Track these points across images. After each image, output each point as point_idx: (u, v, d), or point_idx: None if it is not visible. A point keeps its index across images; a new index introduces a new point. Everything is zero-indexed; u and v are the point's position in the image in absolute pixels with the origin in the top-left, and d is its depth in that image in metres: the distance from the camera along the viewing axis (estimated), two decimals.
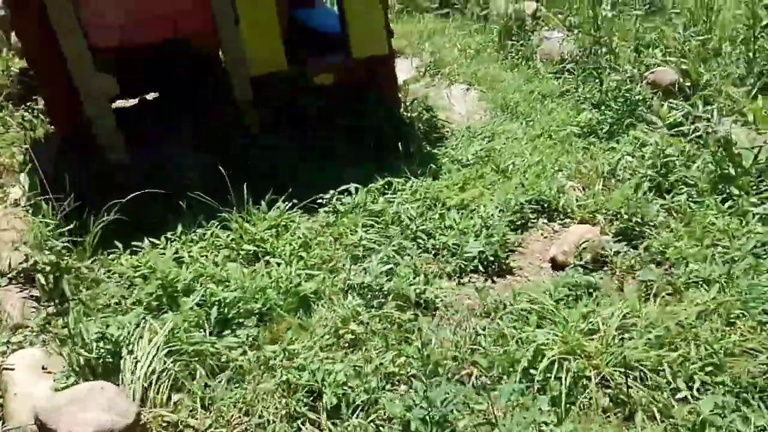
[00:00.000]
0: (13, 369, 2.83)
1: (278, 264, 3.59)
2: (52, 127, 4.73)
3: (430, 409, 2.65)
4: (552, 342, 2.99)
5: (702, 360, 2.86)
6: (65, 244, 3.55)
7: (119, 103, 5.38)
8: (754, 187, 3.95)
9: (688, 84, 4.81)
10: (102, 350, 2.90)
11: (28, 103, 5.75)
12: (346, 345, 3.15)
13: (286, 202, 4.03)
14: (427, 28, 7.05)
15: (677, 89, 4.72)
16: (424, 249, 3.73)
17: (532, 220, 4.09)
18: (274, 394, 2.86)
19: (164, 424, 2.74)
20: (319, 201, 4.12)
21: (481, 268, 3.66)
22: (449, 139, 4.89)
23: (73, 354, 2.86)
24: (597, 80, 5.12)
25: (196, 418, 2.76)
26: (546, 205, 4.13)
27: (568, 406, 2.78)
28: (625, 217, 3.82)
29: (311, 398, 2.84)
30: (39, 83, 4.27)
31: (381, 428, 2.69)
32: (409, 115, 4.92)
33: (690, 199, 3.99)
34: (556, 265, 3.69)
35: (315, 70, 4.50)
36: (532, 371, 2.90)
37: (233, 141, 4.43)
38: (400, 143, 4.44)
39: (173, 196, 4.00)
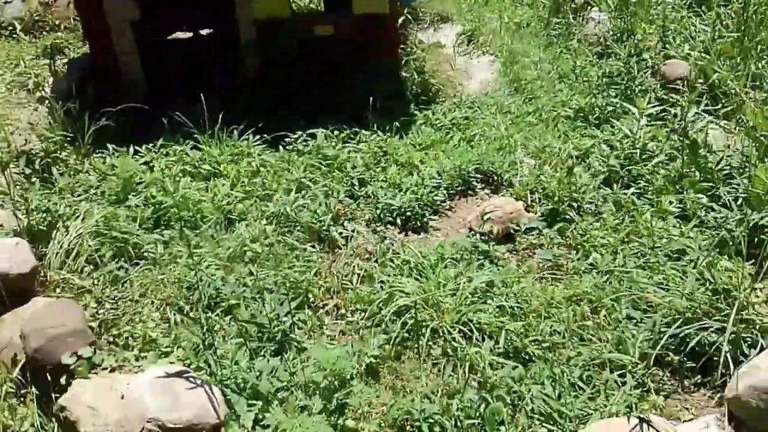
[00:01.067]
0: None
1: (223, 185, 4.19)
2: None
3: (274, 321, 3.17)
4: (412, 292, 3.36)
5: (542, 336, 3.12)
6: (58, 138, 4.34)
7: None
8: (709, 193, 3.96)
9: (701, 81, 4.78)
10: (42, 220, 3.66)
11: None
12: (247, 260, 3.68)
13: (257, 136, 4.60)
14: None
15: (684, 84, 4.71)
16: (351, 194, 4.16)
17: (477, 189, 4.37)
18: (168, 284, 3.48)
19: (71, 286, 3.41)
20: (288, 139, 4.64)
21: (399, 221, 4.04)
22: (438, 104, 5.21)
23: (18, 218, 3.62)
24: (612, 65, 5.19)
25: (96, 286, 3.43)
26: (495, 178, 4.38)
27: (399, 348, 3.18)
28: (556, 199, 4.02)
29: (191, 293, 3.42)
30: (78, 13, 5.05)
31: (230, 325, 3.21)
32: (405, 75, 5.27)
33: (642, 195, 4.09)
34: (472, 231, 3.98)
35: (315, 20, 4.97)
36: (383, 312, 3.31)
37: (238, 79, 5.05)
38: (380, 99, 4.81)
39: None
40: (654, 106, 4.40)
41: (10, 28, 6.54)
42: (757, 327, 2.90)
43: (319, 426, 2.42)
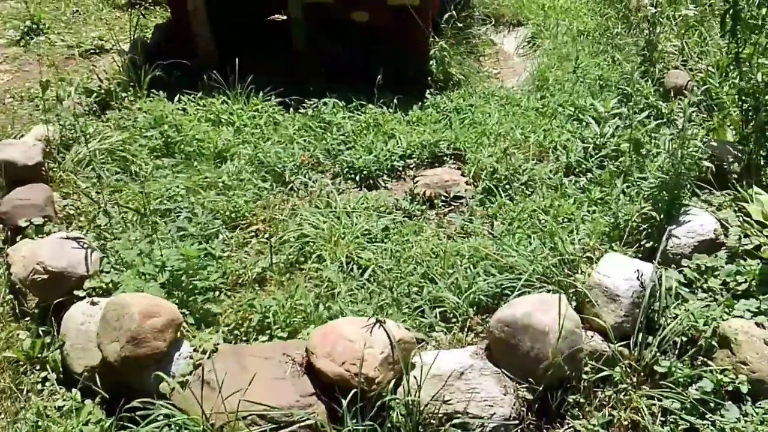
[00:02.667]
0: None
1: (229, 131, 5.10)
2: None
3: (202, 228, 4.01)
4: (318, 225, 4.03)
5: (402, 274, 3.65)
6: (118, 80, 5.53)
7: None
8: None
9: (699, 90, 4.87)
10: (70, 133, 4.80)
11: None
12: (216, 187, 4.53)
13: (279, 98, 5.47)
14: (562, 5, 7.46)
15: (674, 93, 4.83)
16: (328, 152, 4.87)
17: (446, 163, 4.86)
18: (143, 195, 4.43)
19: (73, 187, 4.48)
20: (303, 105, 5.45)
21: (357, 178, 4.69)
22: (454, 92, 5.71)
23: (53, 127, 4.80)
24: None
25: (91, 188, 4.46)
26: (464, 155, 4.85)
27: (290, 267, 3.86)
28: (496, 177, 4.44)
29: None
30: None
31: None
32: (430, 63, 5.85)
33: (582, 184, 4.39)
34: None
35: (353, 7, 5.72)
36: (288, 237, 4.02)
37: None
38: (395, 80, 5.46)
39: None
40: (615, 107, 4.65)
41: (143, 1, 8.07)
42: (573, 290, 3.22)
43: (152, 289, 3.19)
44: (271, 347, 3.07)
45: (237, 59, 5.40)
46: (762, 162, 3.97)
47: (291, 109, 5.40)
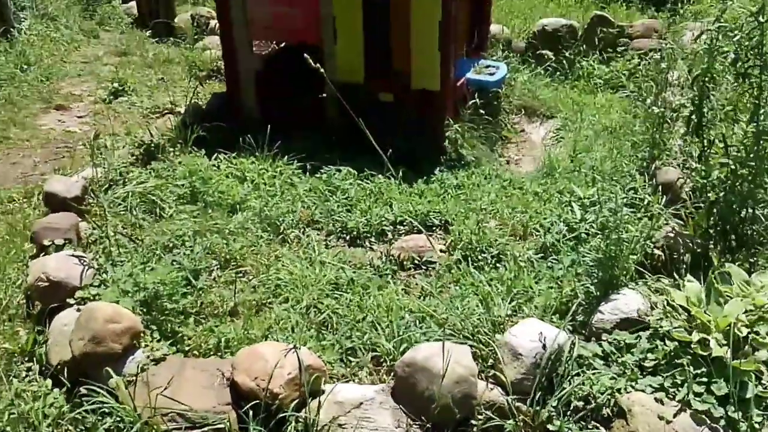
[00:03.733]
0: None
1: (248, 186, 5.75)
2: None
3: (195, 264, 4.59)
4: (294, 272, 4.53)
5: (352, 322, 4.06)
6: (169, 137, 6.34)
7: None
8: None
9: (687, 188, 5.10)
10: (112, 176, 5.58)
11: None
12: (222, 233, 5.12)
13: (299, 163, 6.10)
14: (597, 102, 7.81)
15: (662, 189, 5.08)
16: (328, 212, 5.39)
17: (434, 232, 5.27)
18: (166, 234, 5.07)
19: (102, 217, 5.18)
20: (321, 170, 6.04)
21: (348, 237, 5.18)
22: (463, 171, 6.15)
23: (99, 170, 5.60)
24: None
25: (117, 223, 5.15)
26: (450, 227, 5.25)
27: (261, 305, 4.36)
28: (470, 248, 4.81)
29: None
30: (223, 61, 7.17)
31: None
32: (446, 144, 6.34)
33: (545, 260, 4.71)
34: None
35: (379, 88, 6.36)
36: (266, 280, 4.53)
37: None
38: (411, 156, 5.99)
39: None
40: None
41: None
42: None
43: (125, 302, 3.75)
44: (210, 362, 3.55)
45: (269, 126, 6.11)
46: (712, 254, 4.17)
47: (308, 173, 6.01)
